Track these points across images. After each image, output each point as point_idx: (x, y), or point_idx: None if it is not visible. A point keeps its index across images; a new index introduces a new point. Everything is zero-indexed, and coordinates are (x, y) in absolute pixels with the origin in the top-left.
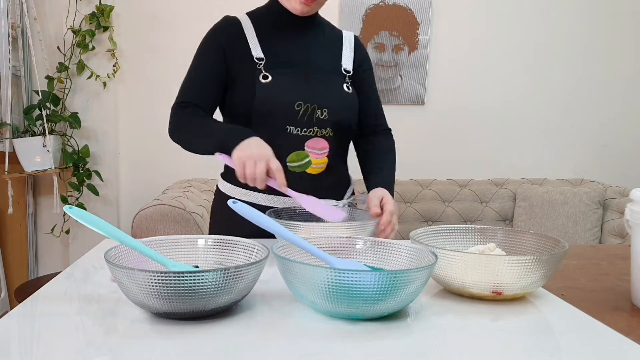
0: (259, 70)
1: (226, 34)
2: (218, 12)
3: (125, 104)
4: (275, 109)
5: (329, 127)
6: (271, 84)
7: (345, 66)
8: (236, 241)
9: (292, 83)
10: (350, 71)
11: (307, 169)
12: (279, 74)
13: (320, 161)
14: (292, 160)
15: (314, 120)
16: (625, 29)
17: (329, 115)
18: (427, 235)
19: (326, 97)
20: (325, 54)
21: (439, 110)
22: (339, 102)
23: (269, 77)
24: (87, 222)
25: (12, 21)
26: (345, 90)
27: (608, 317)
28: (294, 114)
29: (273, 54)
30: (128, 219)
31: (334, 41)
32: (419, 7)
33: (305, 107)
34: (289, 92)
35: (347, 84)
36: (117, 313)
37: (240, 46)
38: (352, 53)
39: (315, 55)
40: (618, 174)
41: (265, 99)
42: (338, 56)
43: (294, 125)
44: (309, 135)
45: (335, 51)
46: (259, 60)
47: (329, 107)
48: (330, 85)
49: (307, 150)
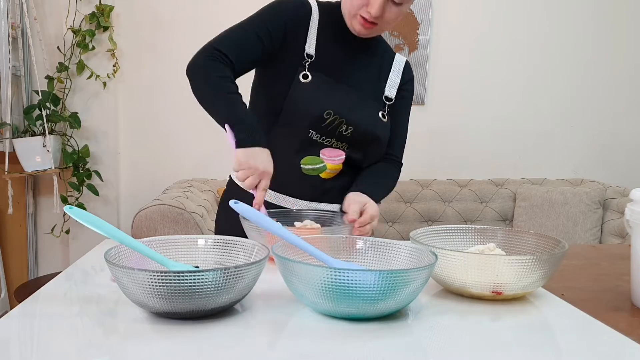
0: (303, 66)
1: (296, 12)
2: (218, 12)
3: (125, 104)
4: (304, 111)
5: (346, 142)
6: (308, 85)
7: (388, 93)
8: (236, 241)
9: (328, 91)
10: (392, 99)
11: (321, 174)
12: (319, 77)
13: (335, 167)
14: (307, 163)
15: (337, 133)
16: (625, 29)
17: (352, 134)
18: (427, 235)
19: (356, 117)
20: (371, 76)
21: (439, 110)
22: (367, 126)
23: (309, 77)
24: (87, 222)
25: (12, 21)
26: (379, 117)
27: (608, 317)
28: (320, 121)
29: (322, 56)
30: (128, 219)
31: (384, 64)
32: (419, 7)
33: (333, 117)
34: (322, 99)
35: (383, 112)
36: (117, 313)
37: (299, 33)
38: (399, 79)
39: (362, 75)
40: (618, 174)
41: (299, 99)
42: (384, 81)
43: (316, 131)
44: (326, 144)
45: (382, 75)
46: (308, 57)
47: (355, 127)
48: (366, 107)
49: (321, 157)
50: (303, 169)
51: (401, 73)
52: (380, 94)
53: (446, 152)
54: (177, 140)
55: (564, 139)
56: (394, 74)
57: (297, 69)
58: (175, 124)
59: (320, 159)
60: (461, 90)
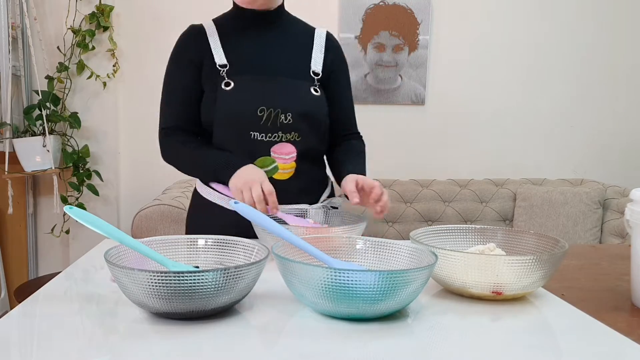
0: (222, 77)
1: (192, 45)
2: (218, 13)
3: (125, 104)
4: (238, 116)
5: (293, 131)
6: (232, 91)
7: (314, 68)
8: (236, 241)
9: (254, 88)
10: (319, 73)
11: (274, 175)
12: (241, 80)
13: (287, 166)
14: (259, 165)
15: (278, 125)
16: (625, 29)
17: (293, 119)
18: (427, 235)
19: (289, 101)
20: (292, 56)
21: (439, 110)
22: (302, 106)
23: (231, 84)
24: (87, 222)
25: (12, 21)
26: (312, 93)
27: (608, 317)
28: (257, 119)
29: (237, 60)
30: (128, 219)
31: (304, 41)
32: (419, 7)
33: (268, 112)
34: (250, 98)
35: (314, 87)
36: (117, 313)
37: (205, 54)
38: (322, 52)
39: (281, 58)
40: (618, 174)
41: (226, 106)
42: (307, 57)
43: (258, 131)
44: (275, 141)
45: (304, 52)
46: (222, 67)
47: (293, 112)
48: (295, 88)
49: (273, 156)
50: None
51: (323, 46)
52: (307, 70)
53: (446, 152)
54: None
55: (564, 139)
56: (316, 48)
57: (217, 81)
58: None
59: (271, 158)
60: (461, 90)
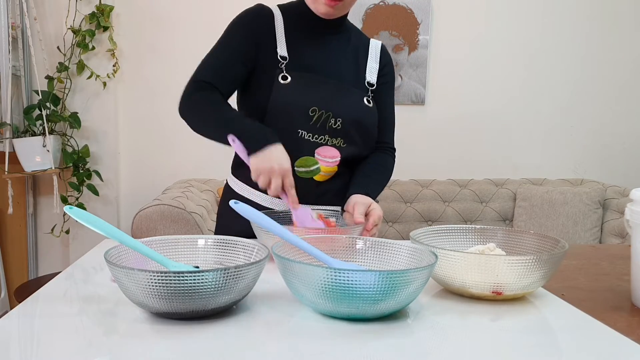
0: (280, 69)
1: (258, 22)
2: (218, 12)
3: (125, 104)
4: (289, 112)
5: (340, 137)
6: (289, 86)
7: (369, 79)
8: (236, 241)
9: (310, 87)
10: (373, 84)
11: (315, 176)
12: (298, 76)
13: (329, 169)
14: (301, 165)
15: (327, 128)
16: (625, 30)
17: (342, 125)
18: (427, 235)
19: (341, 107)
20: (349, 64)
21: (439, 110)
22: (354, 114)
23: (288, 79)
24: (87, 222)
25: (12, 21)
26: (365, 103)
27: (608, 317)
28: (307, 119)
29: (296, 55)
30: (128, 219)
31: (360, 50)
32: (419, 7)
33: (319, 113)
34: (305, 96)
35: (368, 97)
36: (117, 313)
37: (268, 40)
38: (377, 64)
39: (339, 64)
40: (618, 174)
41: (281, 100)
42: (363, 67)
43: (306, 130)
44: (320, 143)
45: (361, 61)
46: (282, 59)
47: (343, 118)
48: (349, 96)
49: (316, 158)
50: (297, 172)
51: (379, 57)
52: (362, 80)
53: (446, 152)
54: (177, 140)
55: (564, 139)
56: (371, 59)
57: (275, 72)
58: (175, 123)
59: (314, 159)
60: (461, 90)
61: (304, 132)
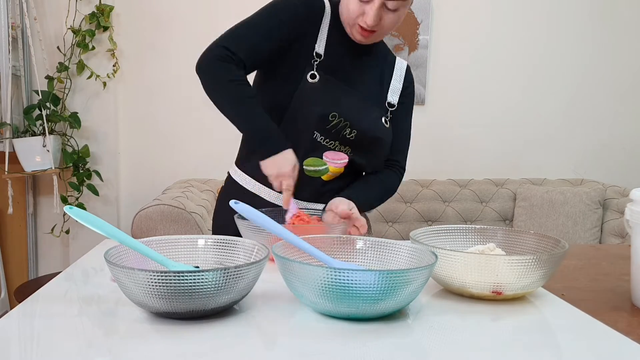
0: (311, 66)
1: (307, 11)
2: (218, 12)
3: (125, 104)
4: (311, 112)
5: (349, 146)
6: (315, 85)
7: (390, 99)
8: (236, 241)
9: (335, 92)
10: (394, 105)
11: (322, 176)
12: (327, 78)
13: (337, 170)
14: (310, 164)
15: (340, 135)
16: (625, 30)
17: (356, 137)
18: (427, 235)
19: (361, 121)
20: (375, 82)
21: (439, 110)
22: (369, 131)
23: (316, 78)
24: (87, 222)
25: (12, 21)
26: (382, 123)
27: (608, 317)
28: (325, 122)
29: (330, 57)
30: (128, 219)
31: (386, 69)
32: (419, 7)
33: (338, 120)
34: (330, 100)
35: (386, 118)
36: (117, 313)
37: (310, 32)
38: (400, 84)
39: (366, 77)
40: (618, 174)
41: (306, 99)
42: (386, 87)
43: (321, 133)
44: (330, 147)
45: (385, 79)
46: (317, 57)
47: (358, 131)
48: (370, 112)
49: (324, 159)
50: (305, 170)
51: (403, 78)
52: (383, 100)
53: (446, 152)
54: (177, 140)
55: (564, 139)
56: (395, 79)
57: (305, 67)
58: (175, 123)
59: (322, 161)
60: (461, 90)
61: (318, 134)
